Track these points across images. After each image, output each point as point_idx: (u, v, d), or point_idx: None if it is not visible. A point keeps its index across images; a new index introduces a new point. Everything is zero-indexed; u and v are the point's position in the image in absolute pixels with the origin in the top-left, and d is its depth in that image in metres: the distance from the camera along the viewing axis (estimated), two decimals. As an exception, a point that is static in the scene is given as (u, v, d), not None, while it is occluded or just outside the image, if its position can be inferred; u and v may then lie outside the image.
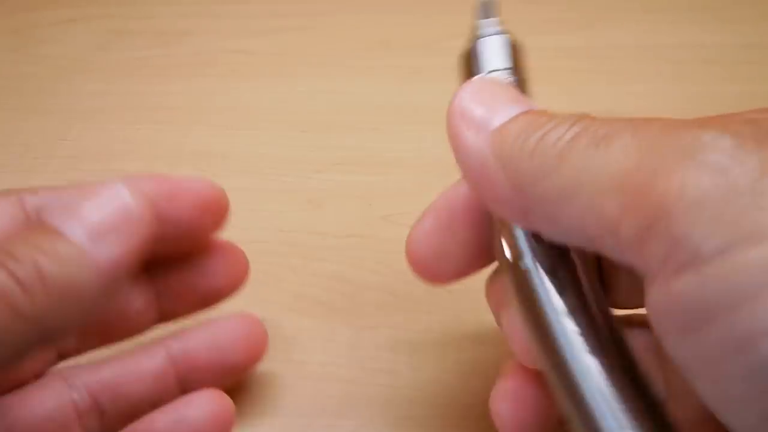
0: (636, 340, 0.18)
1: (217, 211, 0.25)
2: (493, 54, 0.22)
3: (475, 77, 0.21)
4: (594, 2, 0.48)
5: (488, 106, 0.19)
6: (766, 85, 0.40)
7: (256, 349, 0.26)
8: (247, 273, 0.27)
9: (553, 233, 0.18)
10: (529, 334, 0.18)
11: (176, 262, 0.25)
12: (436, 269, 0.22)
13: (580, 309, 0.17)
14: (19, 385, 0.23)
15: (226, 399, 0.24)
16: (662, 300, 0.15)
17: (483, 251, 0.21)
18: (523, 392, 0.22)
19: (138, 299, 0.25)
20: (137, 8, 0.49)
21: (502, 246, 0.19)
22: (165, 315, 0.26)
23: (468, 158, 0.19)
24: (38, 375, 0.23)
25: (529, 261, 0.18)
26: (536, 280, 0.18)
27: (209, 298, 0.26)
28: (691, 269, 0.14)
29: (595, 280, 0.18)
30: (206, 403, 0.24)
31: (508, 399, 0.22)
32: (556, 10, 0.47)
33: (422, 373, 0.28)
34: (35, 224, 0.19)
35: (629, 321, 0.21)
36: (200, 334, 0.25)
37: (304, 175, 0.37)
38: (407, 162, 0.37)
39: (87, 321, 0.19)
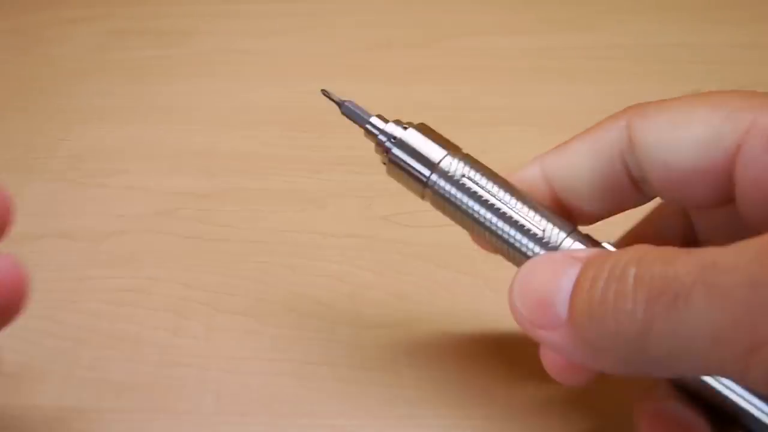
0: None
1: None
2: (423, 148, 0.23)
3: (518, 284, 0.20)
4: (594, 2, 0.48)
5: (542, 303, 0.18)
6: (766, 86, 0.40)
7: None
8: None
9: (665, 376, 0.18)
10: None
11: None
12: None
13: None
14: None
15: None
16: None
17: None
18: None
19: None
20: (138, 9, 0.49)
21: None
22: None
23: (564, 355, 0.19)
24: None
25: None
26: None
27: None
28: None
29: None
30: None
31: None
32: (556, 10, 0.47)
33: (422, 373, 0.28)
34: None
35: None
36: None
37: (304, 175, 0.37)
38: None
39: None
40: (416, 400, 0.27)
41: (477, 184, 0.22)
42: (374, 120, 0.24)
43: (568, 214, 0.22)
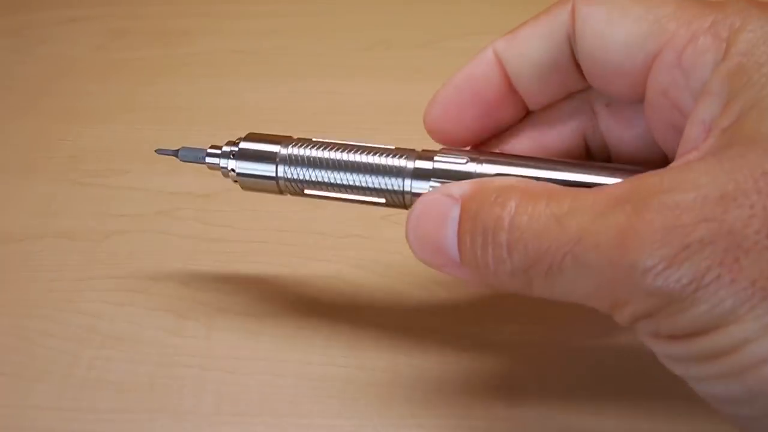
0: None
1: None
2: (260, 149, 0.25)
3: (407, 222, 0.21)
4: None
5: (432, 245, 0.21)
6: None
7: None
8: None
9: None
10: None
11: None
12: (449, 134, 0.25)
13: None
14: None
15: None
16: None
17: (492, 125, 0.24)
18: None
19: None
20: (137, 8, 0.49)
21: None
22: None
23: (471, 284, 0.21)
24: None
25: None
26: None
27: None
28: None
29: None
30: None
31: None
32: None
33: (422, 373, 0.28)
34: None
35: None
36: None
37: (304, 175, 0.37)
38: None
39: None
40: (416, 400, 0.27)
41: (319, 156, 0.24)
42: (210, 150, 0.26)
43: (519, 99, 0.24)
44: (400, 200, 0.23)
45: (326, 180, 0.24)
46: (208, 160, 0.26)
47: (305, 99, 0.41)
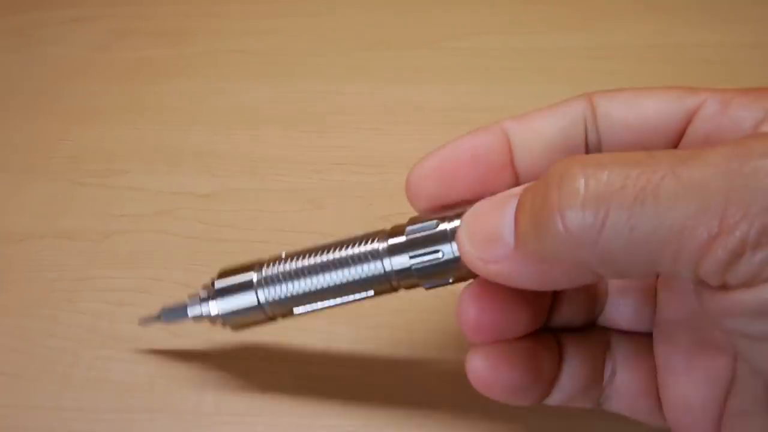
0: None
1: None
2: (236, 282, 0.24)
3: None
4: (594, 2, 0.48)
5: (486, 235, 0.19)
6: (765, 86, 0.40)
7: None
8: None
9: (612, 273, 0.18)
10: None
11: None
12: (432, 194, 0.23)
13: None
14: None
15: None
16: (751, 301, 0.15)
17: (479, 193, 0.23)
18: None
19: None
20: (138, 8, 0.49)
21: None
22: None
23: (517, 280, 0.19)
24: None
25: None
26: None
27: None
28: None
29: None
30: None
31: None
32: (556, 10, 0.47)
33: (422, 373, 0.28)
34: None
35: None
36: None
37: (304, 175, 0.37)
38: (407, 162, 0.37)
39: None
40: (416, 400, 0.27)
41: (293, 268, 0.23)
42: (189, 302, 0.25)
43: (514, 176, 0.23)
44: (387, 284, 0.23)
45: (308, 289, 0.23)
46: (190, 313, 0.25)
47: (305, 99, 0.41)
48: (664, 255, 0.16)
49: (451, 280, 0.22)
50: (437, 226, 0.21)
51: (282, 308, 0.24)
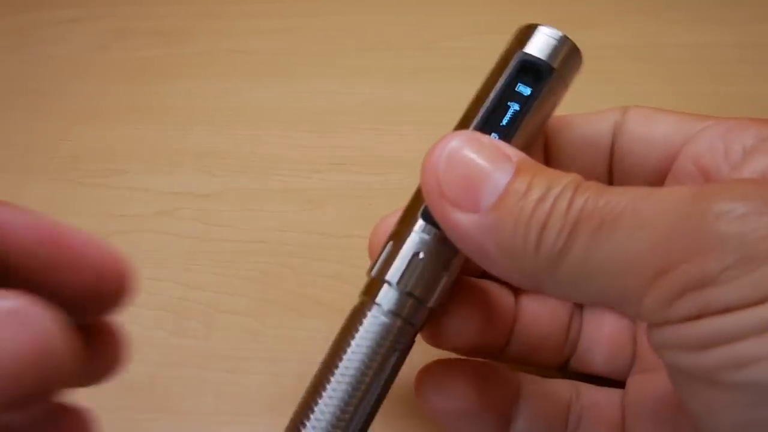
0: None
1: (116, 291, 0.18)
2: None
3: (443, 143, 0.19)
4: (594, 2, 0.48)
5: (468, 182, 0.18)
6: (764, 86, 0.40)
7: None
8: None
9: (560, 296, 0.19)
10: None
11: None
12: None
13: None
14: None
15: None
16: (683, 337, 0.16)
17: None
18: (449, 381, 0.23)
19: None
20: (137, 8, 0.49)
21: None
22: None
23: (464, 242, 0.19)
24: None
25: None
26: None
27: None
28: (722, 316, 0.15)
29: None
30: None
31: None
32: (556, 10, 0.47)
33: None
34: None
35: None
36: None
37: (304, 175, 0.37)
38: (407, 162, 0.37)
39: None
40: (416, 399, 0.27)
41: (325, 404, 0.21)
42: None
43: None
44: (405, 328, 0.21)
45: (345, 401, 0.21)
46: None
47: (305, 99, 0.41)
48: (612, 287, 0.16)
49: (446, 276, 0.21)
50: (392, 243, 0.21)
51: None
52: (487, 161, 0.18)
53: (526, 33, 0.22)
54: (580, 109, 0.25)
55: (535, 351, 0.24)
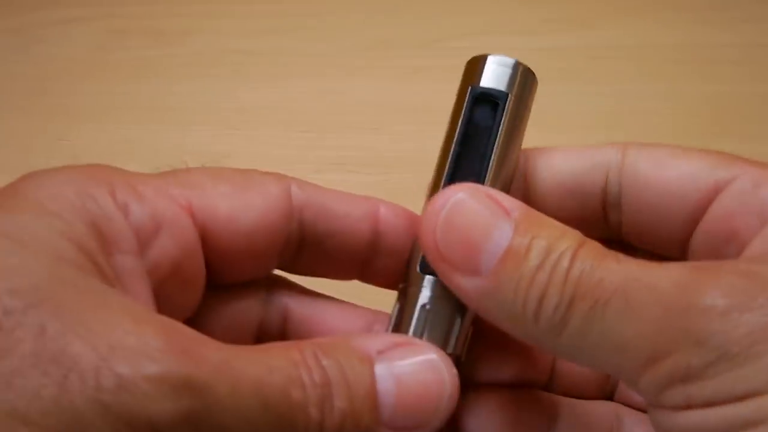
0: None
1: None
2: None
3: (438, 204, 0.19)
4: (594, 2, 0.48)
5: (467, 245, 0.18)
6: (764, 86, 0.40)
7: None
8: None
9: (568, 360, 0.20)
10: None
11: None
12: None
13: None
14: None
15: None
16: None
17: None
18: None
19: None
20: (137, 8, 0.49)
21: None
22: None
23: (469, 303, 0.19)
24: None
25: None
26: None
27: None
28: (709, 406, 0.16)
29: None
30: None
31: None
32: (556, 10, 0.47)
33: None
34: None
35: None
36: None
37: (304, 175, 0.37)
38: (407, 162, 0.37)
39: None
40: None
41: None
42: None
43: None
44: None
45: None
46: None
47: (305, 99, 0.41)
48: (610, 364, 0.17)
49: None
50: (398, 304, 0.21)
51: None
52: (486, 219, 0.18)
53: (476, 66, 0.22)
54: (580, 108, 0.25)
55: (577, 387, 0.23)
